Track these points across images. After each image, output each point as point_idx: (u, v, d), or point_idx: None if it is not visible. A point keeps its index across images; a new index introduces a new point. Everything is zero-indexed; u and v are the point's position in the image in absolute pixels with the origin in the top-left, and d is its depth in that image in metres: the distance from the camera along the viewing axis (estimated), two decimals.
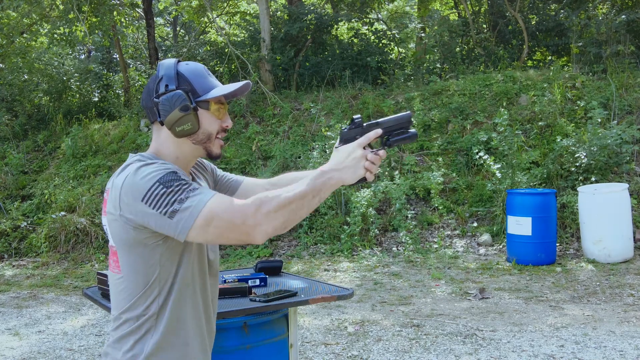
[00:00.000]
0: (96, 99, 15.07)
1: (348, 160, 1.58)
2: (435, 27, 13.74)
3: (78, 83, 15.16)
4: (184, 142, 1.66)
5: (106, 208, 1.61)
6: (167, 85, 1.63)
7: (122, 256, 1.60)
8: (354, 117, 1.63)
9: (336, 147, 1.62)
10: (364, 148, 1.60)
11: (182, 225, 1.48)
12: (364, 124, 1.64)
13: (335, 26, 13.98)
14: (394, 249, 8.19)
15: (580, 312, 5.45)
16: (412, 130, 1.68)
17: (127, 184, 1.52)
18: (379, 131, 1.63)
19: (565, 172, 8.31)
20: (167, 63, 1.66)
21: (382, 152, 1.61)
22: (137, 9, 15.69)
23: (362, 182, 1.66)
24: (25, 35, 14.20)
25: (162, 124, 1.64)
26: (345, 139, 1.63)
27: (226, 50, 12.98)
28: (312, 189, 1.53)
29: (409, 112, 1.70)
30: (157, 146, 1.70)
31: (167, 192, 1.48)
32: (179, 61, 1.68)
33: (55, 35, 13.79)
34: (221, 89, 1.66)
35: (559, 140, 8.55)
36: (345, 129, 1.63)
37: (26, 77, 14.43)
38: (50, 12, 13.53)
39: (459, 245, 8.09)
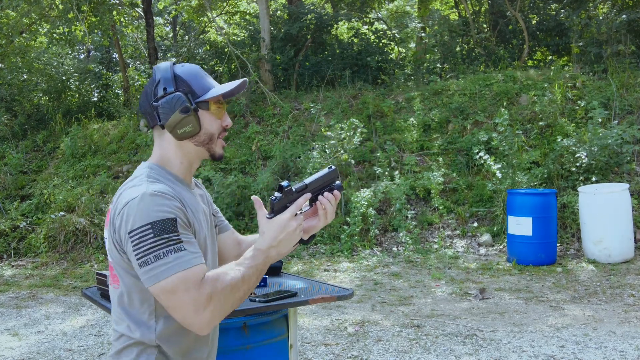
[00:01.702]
0: (95, 99, 15.06)
1: (283, 235, 1.56)
2: (436, 27, 13.73)
3: (77, 83, 15.14)
4: (186, 145, 1.65)
5: (108, 220, 1.59)
6: (165, 88, 1.61)
7: (118, 273, 1.59)
8: (282, 183, 1.60)
9: (267, 218, 1.58)
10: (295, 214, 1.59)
11: (146, 279, 1.47)
12: (293, 188, 1.61)
13: (335, 26, 13.97)
14: (394, 249, 8.18)
15: (580, 313, 5.44)
16: (337, 182, 1.70)
17: (127, 210, 1.50)
18: (307, 195, 1.63)
19: (565, 172, 8.29)
20: (163, 66, 1.65)
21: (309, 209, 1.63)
22: (136, 9, 15.67)
23: (299, 244, 1.67)
24: (24, 34, 14.18)
25: (162, 127, 1.62)
26: (277, 210, 1.59)
27: (226, 50, 12.96)
28: (255, 271, 1.53)
29: (333, 167, 1.70)
30: (161, 152, 1.67)
31: (151, 241, 1.45)
32: (174, 63, 1.67)
33: (55, 35, 13.77)
34: (220, 88, 1.65)
35: (559, 140, 8.53)
36: (274, 198, 1.58)
37: (25, 76, 14.41)
38: (50, 12, 13.51)
39: (459, 246, 8.08)
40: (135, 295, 1.56)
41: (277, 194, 1.59)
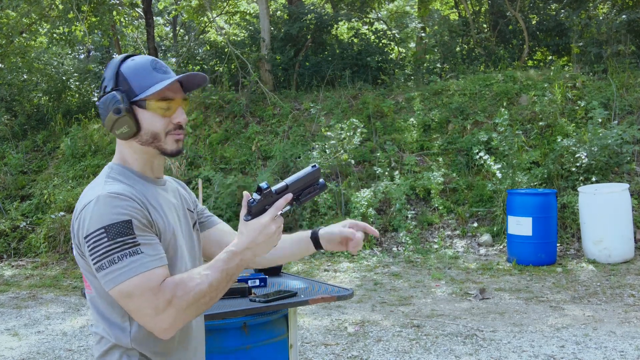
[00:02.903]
0: (95, 99, 15.03)
1: (261, 237, 1.48)
2: (436, 27, 13.73)
3: (77, 83, 15.13)
4: (133, 144, 1.59)
5: (71, 225, 1.55)
6: (105, 87, 1.57)
7: (87, 277, 1.55)
8: (261, 185, 1.51)
9: (245, 220, 1.50)
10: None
11: (104, 283, 1.43)
12: (273, 189, 1.53)
13: (335, 26, 13.96)
14: (394, 249, 8.18)
15: (580, 313, 5.44)
16: (321, 181, 1.63)
17: (84, 214, 1.46)
18: (289, 197, 1.54)
19: (565, 172, 8.29)
20: (113, 62, 1.59)
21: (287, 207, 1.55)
22: (136, 9, 15.67)
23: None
24: (24, 35, 14.18)
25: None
26: (255, 212, 1.50)
27: (226, 50, 12.96)
28: (226, 275, 1.47)
29: (315, 165, 1.62)
30: (119, 150, 1.63)
31: (105, 245, 1.41)
32: (128, 57, 1.60)
33: (55, 35, 13.76)
34: (160, 84, 1.54)
35: (559, 140, 8.53)
36: (252, 200, 1.50)
37: (25, 76, 14.40)
38: (50, 12, 13.51)
39: (459, 246, 8.08)
40: (106, 299, 1.51)
41: (255, 196, 1.51)
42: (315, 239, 1.84)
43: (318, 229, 1.85)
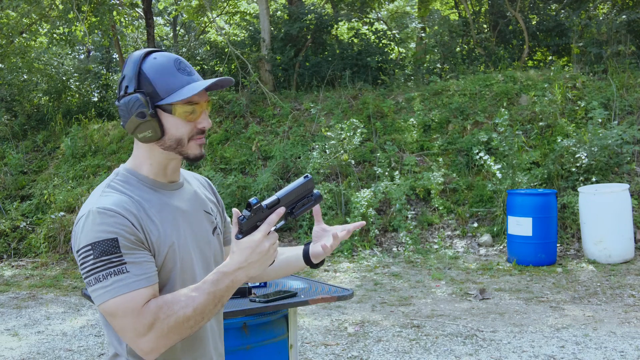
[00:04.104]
0: (95, 99, 15.05)
1: (254, 256, 1.40)
2: (436, 27, 13.73)
3: (77, 83, 15.14)
4: (154, 148, 1.52)
5: None
6: (126, 87, 1.47)
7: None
8: (250, 200, 1.42)
9: (236, 238, 1.42)
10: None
11: (93, 299, 1.41)
12: (264, 204, 1.45)
13: (335, 26, 13.96)
14: (394, 249, 8.17)
15: (580, 313, 5.43)
16: (315, 192, 1.56)
17: (77, 227, 1.43)
18: (281, 211, 1.46)
19: (565, 172, 8.29)
20: (133, 58, 1.49)
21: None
22: (136, 9, 15.67)
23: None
24: (24, 35, 14.18)
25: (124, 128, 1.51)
26: (246, 230, 1.43)
27: (226, 50, 12.96)
28: (214, 298, 1.40)
29: (308, 175, 1.55)
30: (135, 154, 1.56)
31: (91, 262, 1.38)
32: (148, 53, 1.51)
33: (55, 35, 13.76)
34: (188, 89, 1.47)
35: (559, 140, 8.53)
36: (242, 217, 1.42)
37: (25, 77, 14.40)
38: (50, 12, 13.51)
39: (459, 246, 8.08)
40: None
41: (245, 212, 1.43)
42: (306, 257, 1.77)
43: (308, 245, 1.78)
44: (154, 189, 1.54)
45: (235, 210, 1.45)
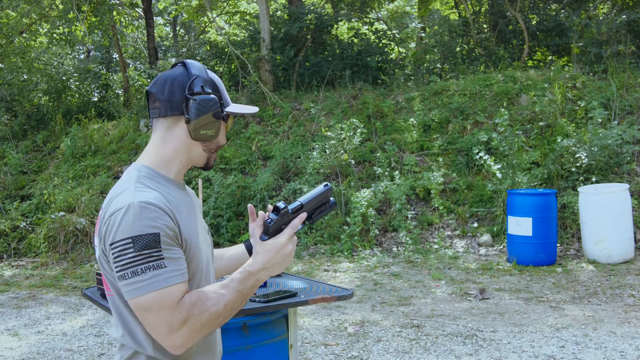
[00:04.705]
0: (95, 99, 15.05)
1: (278, 257, 1.51)
2: (436, 27, 13.72)
3: (77, 83, 15.13)
4: (195, 146, 1.62)
5: (97, 227, 1.54)
6: (203, 87, 1.59)
7: (108, 281, 1.54)
8: (278, 205, 1.53)
9: (262, 239, 1.53)
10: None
11: (125, 293, 1.43)
12: (290, 208, 1.55)
13: (335, 26, 13.96)
14: (394, 249, 8.17)
15: (580, 313, 5.43)
16: (332, 200, 1.66)
17: (112, 220, 1.44)
18: (303, 216, 1.57)
19: (565, 172, 8.29)
20: (197, 64, 1.63)
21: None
22: (136, 9, 15.67)
23: None
24: (24, 35, 14.19)
25: (188, 122, 1.56)
26: (272, 232, 1.53)
27: (226, 50, 12.96)
28: (241, 295, 1.48)
29: (327, 184, 1.65)
30: (159, 151, 1.60)
31: (131, 255, 1.40)
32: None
33: (55, 35, 13.77)
34: (238, 107, 1.67)
35: (559, 140, 8.53)
36: (270, 220, 1.53)
37: (25, 76, 14.40)
38: (50, 12, 13.51)
39: (459, 246, 8.08)
40: (128, 305, 1.50)
41: (272, 216, 1.53)
42: (250, 252, 1.84)
43: (249, 242, 1.83)
44: (174, 186, 1.61)
45: (261, 212, 1.55)
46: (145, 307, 1.41)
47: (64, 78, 14.72)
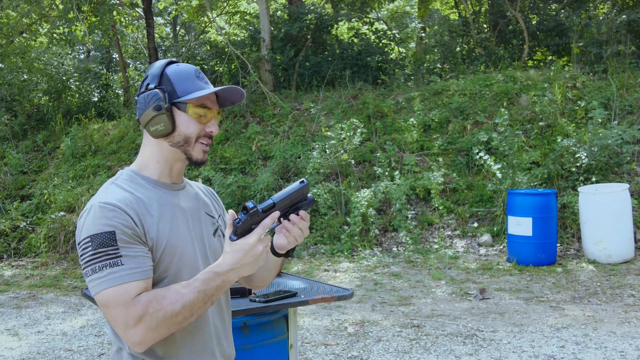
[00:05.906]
0: (95, 99, 15.06)
1: (247, 258, 1.47)
2: (436, 27, 13.72)
3: (77, 83, 15.14)
4: (162, 144, 1.61)
5: None
6: (148, 84, 1.60)
7: None
8: (247, 204, 1.48)
9: (231, 240, 1.49)
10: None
11: (89, 289, 1.47)
12: (259, 208, 1.50)
13: (335, 26, 13.96)
14: (394, 249, 8.17)
15: (580, 313, 5.43)
16: (309, 196, 1.59)
17: (80, 221, 1.51)
18: (276, 215, 1.52)
19: (565, 172, 8.29)
20: (158, 63, 1.64)
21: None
22: (136, 9, 15.67)
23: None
24: (24, 35, 14.19)
25: (138, 122, 1.61)
26: (241, 232, 1.48)
27: (226, 50, 12.96)
28: (204, 296, 1.45)
29: (304, 181, 1.58)
30: (142, 151, 1.66)
31: (90, 253, 1.44)
32: (172, 62, 1.64)
33: (55, 35, 13.77)
34: (202, 91, 1.59)
35: (559, 140, 8.53)
36: (237, 220, 1.48)
37: (25, 76, 14.41)
38: (50, 12, 13.51)
39: (459, 246, 8.08)
40: None
41: (241, 215, 1.49)
42: (272, 250, 1.75)
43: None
44: (156, 187, 1.62)
45: (231, 211, 1.52)
46: (104, 303, 1.44)
47: (64, 78, 14.73)
